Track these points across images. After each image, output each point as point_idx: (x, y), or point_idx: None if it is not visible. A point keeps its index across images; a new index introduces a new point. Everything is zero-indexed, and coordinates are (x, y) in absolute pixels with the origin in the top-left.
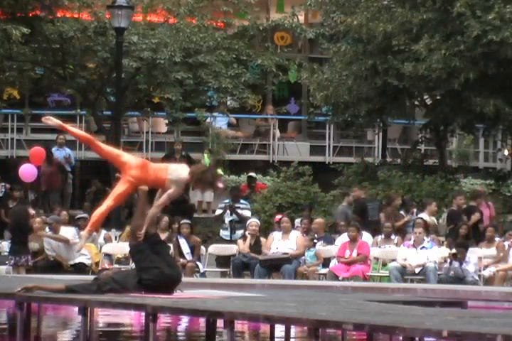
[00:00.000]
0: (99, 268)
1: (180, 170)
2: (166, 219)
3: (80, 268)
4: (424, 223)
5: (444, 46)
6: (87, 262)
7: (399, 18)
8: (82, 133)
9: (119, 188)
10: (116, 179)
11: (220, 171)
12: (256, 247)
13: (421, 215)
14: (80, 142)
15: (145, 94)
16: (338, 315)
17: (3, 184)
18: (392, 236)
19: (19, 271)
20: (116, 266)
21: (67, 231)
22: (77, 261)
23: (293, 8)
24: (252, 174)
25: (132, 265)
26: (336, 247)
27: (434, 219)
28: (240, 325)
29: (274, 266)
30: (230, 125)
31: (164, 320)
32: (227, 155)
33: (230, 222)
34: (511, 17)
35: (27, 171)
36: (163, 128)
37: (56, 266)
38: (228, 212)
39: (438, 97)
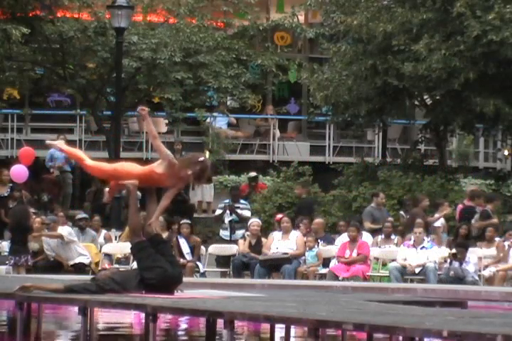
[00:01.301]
0: (99, 268)
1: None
2: (160, 218)
3: (80, 268)
4: (424, 223)
5: (444, 46)
6: (87, 262)
7: (399, 18)
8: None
9: (106, 164)
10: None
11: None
12: (257, 247)
13: (437, 223)
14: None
15: (145, 94)
16: (338, 315)
17: (11, 184)
18: (392, 236)
19: (19, 271)
20: (116, 266)
21: (64, 230)
22: (77, 261)
23: (293, 8)
24: (254, 174)
25: (132, 265)
26: (336, 247)
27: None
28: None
29: (274, 266)
30: (230, 125)
31: (164, 320)
32: (227, 155)
33: (230, 222)
34: (511, 17)
35: (18, 172)
36: (163, 128)
37: (56, 266)
38: (228, 212)
39: (438, 97)
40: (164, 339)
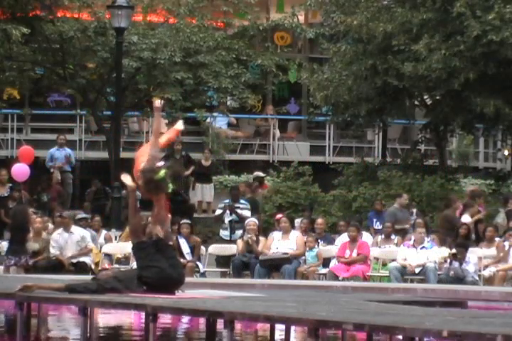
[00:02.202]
0: (100, 268)
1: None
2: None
3: (82, 268)
4: (424, 223)
5: (444, 46)
6: (89, 261)
7: (399, 18)
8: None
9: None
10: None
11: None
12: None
13: (464, 219)
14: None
15: (145, 94)
16: (338, 315)
17: (10, 184)
18: (392, 236)
19: (17, 271)
20: (116, 266)
21: (79, 232)
22: (81, 259)
23: (293, 8)
24: (262, 174)
25: (133, 265)
26: (336, 247)
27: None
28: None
29: (274, 266)
30: (230, 125)
31: (164, 320)
32: (227, 155)
33: (230, 222)
34: (511, 17)
35: (19, 171)
36: (163, 128)
37: (57, 266)
38: (228, 212)
39: (438, 97)
40: (164, 339)
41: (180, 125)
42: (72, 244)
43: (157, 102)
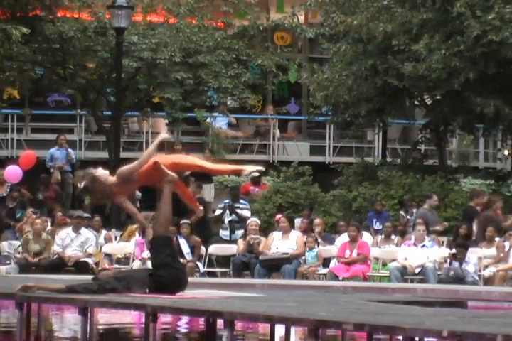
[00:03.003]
0: (100, 268)
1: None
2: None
3: (83, 267)
4: (425, 222)
5: (444, 46)
6: (90, 261)
7: (399, 18)
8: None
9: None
10: None
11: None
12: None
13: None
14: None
15: (145, 94)
16: (338, 315)
17: (9, 184)
18: (393, 236)
19: None
20: (116, 266)
21: (85, 233)
22: (83, 259)
23: (293, 8)
24: (257, 174)
25: (133, 265)
26: (336, 247)
27: None
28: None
29: (274, 266)
30: (230, 125)
31: (164, 320)
32: (227, 155)
33: (230, 222)
34: (511, 17)
35: (12, 172)
36: (163, 129)
37: (58, 265)
38: (228, 212)
39: (438, 97)
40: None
41: (248, 170)
42: (75, 244)
43: (165, 135)
